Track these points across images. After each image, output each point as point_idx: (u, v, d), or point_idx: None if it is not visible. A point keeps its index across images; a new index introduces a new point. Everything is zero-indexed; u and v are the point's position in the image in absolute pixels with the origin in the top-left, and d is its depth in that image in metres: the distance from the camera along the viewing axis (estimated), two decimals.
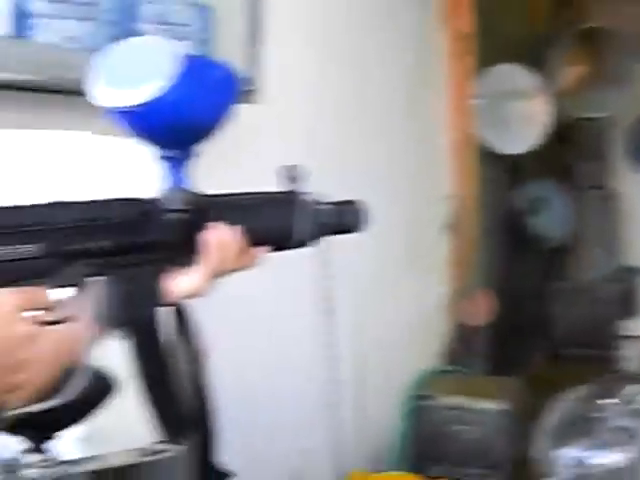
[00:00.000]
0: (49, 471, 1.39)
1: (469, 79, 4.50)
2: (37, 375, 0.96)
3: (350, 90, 3.32)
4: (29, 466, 1.38)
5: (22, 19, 1.81)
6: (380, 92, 3.60)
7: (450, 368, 4.28)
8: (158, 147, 1.09)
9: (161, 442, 1.63)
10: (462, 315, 4.39)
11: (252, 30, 2.36)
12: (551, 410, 2.01)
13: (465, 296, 4.41)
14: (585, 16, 5.93)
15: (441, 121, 4.34)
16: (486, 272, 4.73)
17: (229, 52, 2.25)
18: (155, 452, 1.56)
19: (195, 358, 1.16)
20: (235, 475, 1.36)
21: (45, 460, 1.38)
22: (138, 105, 1.01)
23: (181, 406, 1.14)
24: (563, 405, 2.03)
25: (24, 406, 0.97)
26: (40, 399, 0.99)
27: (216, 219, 1.11)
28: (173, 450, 1.56)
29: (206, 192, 1.13)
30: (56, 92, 2.06)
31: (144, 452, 1.57)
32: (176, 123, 1.05)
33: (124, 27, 2.05)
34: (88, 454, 1.57)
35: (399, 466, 3.64)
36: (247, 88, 2.27)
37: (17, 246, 0.92)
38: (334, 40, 3.18)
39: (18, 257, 0.92)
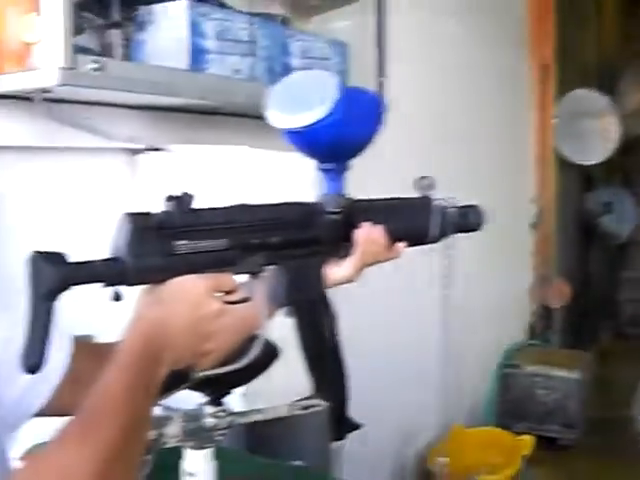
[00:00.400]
0: (223, 420, 1.41)
1: (550, 102, 4.41)
2: (222, 344, 0.96)
3: (457, 113, 3.27)
4: (207, 416, 1.40)
5: (198, 55, 1.83)
6: (479, 115, 3.54)
7: (533, 342, 4.21)
8: (318, 161, 1.08)
9: (309, 398, 1.64)
10: (543, 298, 4.31)
11: (379, 62, 2.34)
12: None
13: (546, 283, 4.32)
14: None
15: (528, 138, 4.26)
16: (563, 263, 4.63)
17: (361, 80, 2.23)
18: (306, 407, 1.56)
19: (333, 325, 1.15)
20: (363, 426, 1.35)
21: (220, 411, 1.40)
22: (304, 127, 1.00)
23: (332, 370, 1.13)
24: None
25: (211, 369, 0.98)
26: (222, 363, 0.99)
27: (365, 219, 1.10)
28: (320, 405, 1.56)
29: (356, 197, 1.12)
30: (224, 114, 2.09)
31: (297, 407, 1.57)
32: (334, 142, 1.03)
33: (277, 61, 2.05)
34: (251, 407, 1.58)
35: (490, 422, 3.60)
36: None
37: (209, 240, 0.92)
38: (444, 72, 3.14)
39: (210, 249, 0.92)
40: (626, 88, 5.20)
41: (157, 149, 1.93)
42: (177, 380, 0.94)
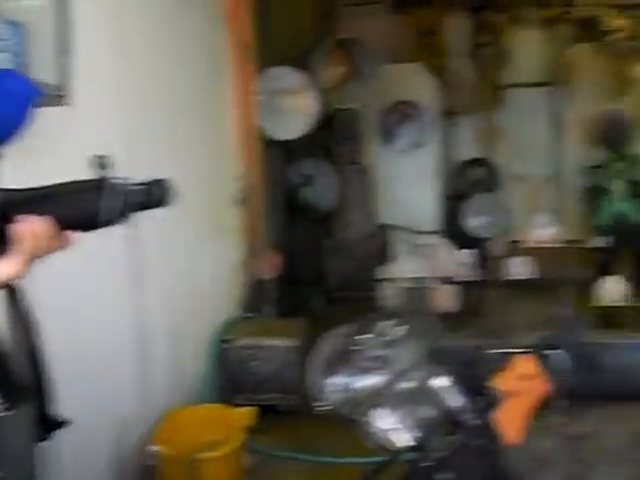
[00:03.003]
0: None
1: (251, 79, 4.44)
2: None
3: (151, 90, 3.17)
4: None
5: None
6: (179, 90, 3.47)
7: (249, 315, 4.27)
8: None
9: None
10: (255, 271, 4.38)
11: (60, 44, 2.20)
12: (321, 345, 2.00)
13: (256, 256, 4.39)
14: (340, 28, 6.09)
15: (231, 115, 4.27)
16: (272, 236, 4.74)
17: (41, 63, 2.09)
18: None
19: (29, 332, 1.07)
20: (70, 423, 1.28)
21: None
22: None
23: (15, 375, 1.05)
24: (331, 340, 2.01)
25: None
26: None
27: (26, 211, 1.01)
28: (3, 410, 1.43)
29: (12, 187, 1.02)
30: None
31: None
32: None
33: None
34: None
35: (210, 399, 3.60)
36: (56, 93, 2.13)
37: None
38: (134, 48, 3.02)
39: None
40: (321, 65, 5.39)
41: None
42: None
